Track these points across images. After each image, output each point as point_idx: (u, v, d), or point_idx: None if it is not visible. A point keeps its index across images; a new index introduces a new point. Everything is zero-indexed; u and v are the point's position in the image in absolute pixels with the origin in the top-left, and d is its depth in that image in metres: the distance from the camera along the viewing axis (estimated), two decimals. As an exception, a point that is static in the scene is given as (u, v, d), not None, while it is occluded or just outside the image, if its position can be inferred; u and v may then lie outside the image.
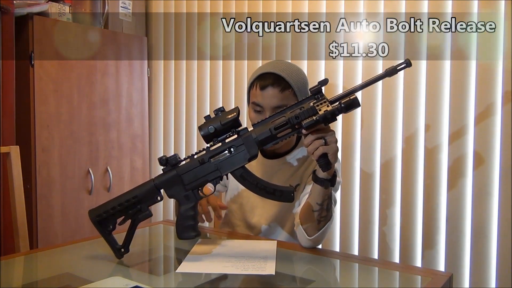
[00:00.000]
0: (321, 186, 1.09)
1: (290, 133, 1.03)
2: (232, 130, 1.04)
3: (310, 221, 1.14)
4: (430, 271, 1.13)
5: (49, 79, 2.08)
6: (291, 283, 0.99)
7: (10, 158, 1.46)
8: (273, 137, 1.03)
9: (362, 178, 1.85)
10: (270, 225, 1.38)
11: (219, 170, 1.05)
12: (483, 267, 1.59)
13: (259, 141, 1.03)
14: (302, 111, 1.01)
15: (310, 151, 1.03)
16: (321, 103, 1.01)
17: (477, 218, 1.60)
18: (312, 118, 1.00)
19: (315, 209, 1.12)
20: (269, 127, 1.03)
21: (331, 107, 1.00)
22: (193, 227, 1.08)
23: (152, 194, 1.07)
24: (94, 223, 1.08)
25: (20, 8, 1.97)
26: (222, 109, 1.05)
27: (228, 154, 1.05)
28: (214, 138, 1.04)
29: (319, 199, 1.11)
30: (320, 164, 1.04)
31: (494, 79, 1.56)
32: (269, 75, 1.26)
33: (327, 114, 0.99)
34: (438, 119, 1.67)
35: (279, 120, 1.02)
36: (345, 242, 1.90)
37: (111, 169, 2.32)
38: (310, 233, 1.15)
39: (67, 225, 2.16)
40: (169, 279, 1.00)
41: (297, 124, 1.01)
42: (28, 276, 1.06)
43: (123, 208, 1.07)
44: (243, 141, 1.04)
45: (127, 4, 2.48)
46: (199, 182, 1.06)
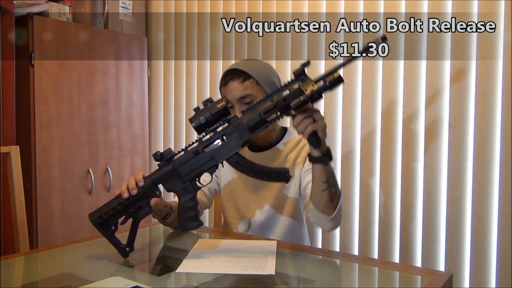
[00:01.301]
0: (320, 164, 1.11)
1: (279, 115, 1.05)
2: (222, 118, 1.06)
3: (323, 203, 1.16)
4: (430, 271, 1.13)
5: (49, 79, 2.08)
6: (291, 283, 0.99)
7: (10, 158, 1.46)
8: (263, 121, 1.05)
9: (362, 178, 1.85)
10: (267, 217, 1.40)
11: (214, 158, 1.07)
12: (483, 267, 1.59)
13: (250, 126, 1.05)
14: (289, 93, 1.03)
15: (300, 131, 1.05)
16: (306, 84, 1.02)
17: (477, 218, 1.60)
18: (299, 98, 1.01)
19: (323, 188, 1.14)
20: (258, 112, 1.05)
21: (317, 86, 1.02)
22: (195, 217, 1.10)
23: (151, 190, 1.08)
24: (95, 226, 1.08)
25: (20, 8, 1.97)
26: (210, 99, 1.06)
27: (221, 143, 1.06)
28: (205, 128, 1.06)
29: (323, 177, 1.13)
30: (311, 142, 1.06)
31: (494, 79, 1.56)
32: (229, 72, 1.36)
33: (314, 94, 1.01)
34: (438, 119, 1.67)
35: (267, 104, 1.04)
36: (345, 242, 1.90)
37: (111, 169, 2.32)
38: (329, 213, 1.17)
39: (67, 225, 2.15)
40: (169, 279, 1.00)
41: (285, 106, 1.03)
42: (28, 276, 1.06)
43: (123, 207, 1.07)
44: (234, 128, 1.06)
45: (127, 4, 2.48)
46: (196, 173, 1.08)
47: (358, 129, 1.86)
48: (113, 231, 1.08)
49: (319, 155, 1.11)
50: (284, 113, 1.05)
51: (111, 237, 1.08)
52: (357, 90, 1.86)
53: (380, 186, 1.81)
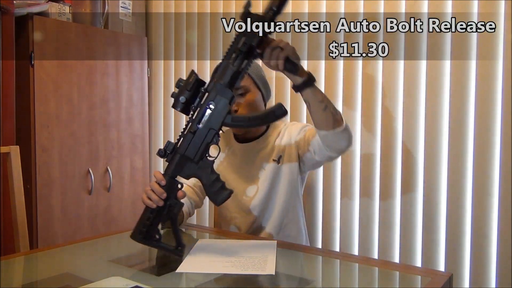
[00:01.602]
0: (309, 87, 1.14)
1: (249, 61, 1.09)
2: (200, 90, 1.09)
3: (330, 119, 1.18)
4: (430, 271, 1.13)
5: (49, 79, 2.08)
6: (291, 283, 0.99)
7: (10, 158, 1.46)
8: (237, 72, 1.09)
9: (362, 178, 1.85)
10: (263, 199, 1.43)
11: (212, 128, 1.09)
12: (483, 267, 1.59)
13: (227, 82, 1.08)
14: (246, 36, 1.07)
15: (274, 65, 1.09)
16: (257, 21, 1.08)
17: (477, 218, 1.60)
18: (257, 34, 1.06)
19: (323, 107, 1.17)
20: (229, 66, 1.08)
21: (268, 17, 1.07)
22: (223, 187, 1.11)
23: (173, 185, 1.10)
24: (141, 242, 1.09)
25: (20, 8, 1.97)
26: (180, 79, 1.09)
27: (210, 111, 1.09)
28: (190, 106, 1.09)
29: (318, 97, 1.17)
30: (289, 69, 1.10)
31: (494, 79, 1.56)
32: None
33: (268, 24, 1.06)
34: (438, 119, 1.67)
35: (233, 56, 1.08)
36: (345, 242, 1.90)
37: (111, 169, 2.32)
38: (340, 124, 1.20)
39: (67, 225, 2.15)
40: (169, 279, 1.00)
41: (248, 49, 1.07)
42: (28, 276, 1.06)
43: (156, 214, 1.09)
44: (215, 92, 1.08)
45: (127, 4, 2.48)
46: (202, 149, 1.10)
47: (358, 129, 1.85)
48: (158, 239, 1.10)
49: (303, 79, 1.14)
50: (252, 56, 1.09)
51: (159, 245, 1.10)
52: (357, 90, 1.86)
53: (380, 186, 1.81)
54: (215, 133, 1.09)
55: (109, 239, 1.37)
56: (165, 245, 1.11)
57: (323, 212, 1.95)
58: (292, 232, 1.46)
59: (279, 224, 1.44)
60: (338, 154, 1.29)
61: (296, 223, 1.47)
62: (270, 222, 1.44)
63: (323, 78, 1.94)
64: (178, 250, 1.09)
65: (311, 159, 1.37)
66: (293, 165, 1.41)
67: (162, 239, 1.11)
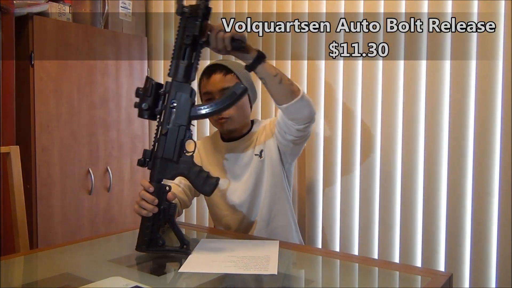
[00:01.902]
0: (261, 64, 1.19)
1: (195, 51, 1.11)
2: (159, 92, 1.11)
3: (287, 90, 1.23)
4: (430, 271, 1.13)
5: (49, 79, 2.08)
6: (291, 283, 0.99)
7: (10, 158, 1.46)
8: (189, 65, 1.11)
9: (362, 178, 1.85)
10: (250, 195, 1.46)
11: (181, 125, 1.11)
12: (483, 267, 1.59)
13: (182, 77, 1.11)
14: (187, 27, 1.10)
15: (221, 47, 1.13)
16: (193, 11, 1.10)
17: (477, 218, 1.60)
18: (196, 23, 1.09)
19: (278, 81, 1.22)
20: (176, 61, 1.10)
21: (201, 3, 1.09)
22: (208, 176, 1.14)
23: (161, 190, 1.12)
24: (147, 252, 1.11)
25: (20, 8, 1.97)
26: (138, 88, 1.12)
27: (174, 109, 1.11)
28: (154, 111, 1.12)
29: (272, 72, 1.21)
30: (237, 48, 1.14)
31: (494, 79, 1.56)
32: (212, 66, 1.45)
33: (203, 9, 1.08)
34: (438, 119, 1.67)
35: (179, 51, 1.10)
36: (345, 242, 1.90)
37: (111, 169, 2.32)
38: (297, 94, 1.24)
39: (67, 225, 2.15)
40: (169, 279, 1.00)
41: (192, 39, 1.09)
42: (28, 276, 1.06)
43: (153, 221, 1.11)
44: (174, 90, 1.11)
45: (127, 4, 2.48)
46: (178, 147, 1.12)
47: (358, 129, 1.85)
48: (162, 244, 1.12)
49: (253, 56, 1.17)
50: (199, 46, 1.11)
51: (165, 249, 1.12)
52: (357, 90, 1.86)
53: (380, 186, 1.81)
54: (185, 129, 1.12)
55: (109, 239, 1.37)
56: (170, 249, 1.13)
57: (323, 212, 1.95)
58: (280, 222, 1.48)
59: (268, 218, 1.46)
60: (304, 124, 1.30)
61: (283, 214, 1.49)
62: (258, 216, 1.47)
63: (323, 78, 1.94)
64: (184, 248, 1.11)
65: (286, 143, 1.40)
66: (274, 157, 1.44)
67: (168, 240, 1.13)
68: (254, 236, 1.42)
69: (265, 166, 1.45)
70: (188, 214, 2.46)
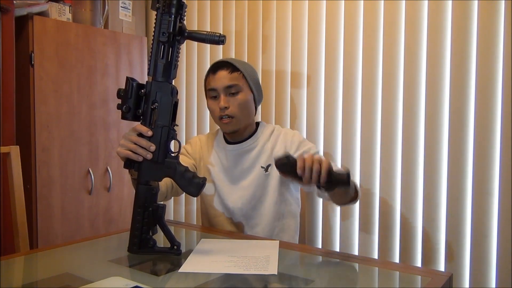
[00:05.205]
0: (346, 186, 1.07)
1: (176, 48, 1.09)
2: (140, 93, 1.10)
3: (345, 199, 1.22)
4: (430, 271, 1.13)
5: (49, 79, 2.08)
6: (291, 283, 0.99)
7: (10, 158, 1.46)
8: (168, 63, 1.09)
9: (362, 179, 1.85)
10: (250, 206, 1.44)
11: (164, 125, 1.10)
12: (483, 267, 1.59)
13: (162, 76, 1.09)
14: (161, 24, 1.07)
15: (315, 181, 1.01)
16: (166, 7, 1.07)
17: (477, 218, 1.60)
18: (170, 19, 1.06)
19: (344, 194, 1.18)
20: (154, 60, 1.09)
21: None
22: (194, 176, 1.12)
23: (149, 192, 1.11)
24: (139, 253, 1.12)
25: (20, 8, 1.97)
26: (120, 89, 1.10)
27: (156, 110, 1.10)
28: (137, 112, 1.11)
29: (347, 190, 1.14)
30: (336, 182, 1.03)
31: (494, 79, 1.56)
32: (219, 63, 1.44)
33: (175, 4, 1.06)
34: (438, 119, 1.67)
35: (155, 50, 1.08)
36: (345, 242, 1.90)
37: (111, 169, 2.32)
38: (354, 199, 1.26)
39: (67, 225, 2.16)
40: (170, 279, 1.00)
41: (168, 36, 1.06)
42: (28, 276, 1.06)
43: (142, 222, 1.11)
44: (155, 90, 1.09)
45: (127, 4, 2.48)
46: (163, 149, 1.11)
47: (358, 129, 1.85)
48: (153, 245, 1.12)
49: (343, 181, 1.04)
50: (177, 41, 1.09)
51: (156, 250, 1.13)
52: (357, 90, 1.85)
53: (380, 186, 1.81)
54: (168, 130, 1.11)
55: (109, 239, 1.37)
56: (162, 248, 1.13)
57: (323, 212, 1.95)
58: (283, 238, 1.46)
59: (270, 234, 1.45)
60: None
61: (288, 231, 1.47)
62: (260, 229, 1.44)
63: (323, 78, 1.94)
64: (174, 249, 1.11)
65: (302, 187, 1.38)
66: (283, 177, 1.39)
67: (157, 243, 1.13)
68: (254, 236, 1.42)
69: (270, 181, 1.42)
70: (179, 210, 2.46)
